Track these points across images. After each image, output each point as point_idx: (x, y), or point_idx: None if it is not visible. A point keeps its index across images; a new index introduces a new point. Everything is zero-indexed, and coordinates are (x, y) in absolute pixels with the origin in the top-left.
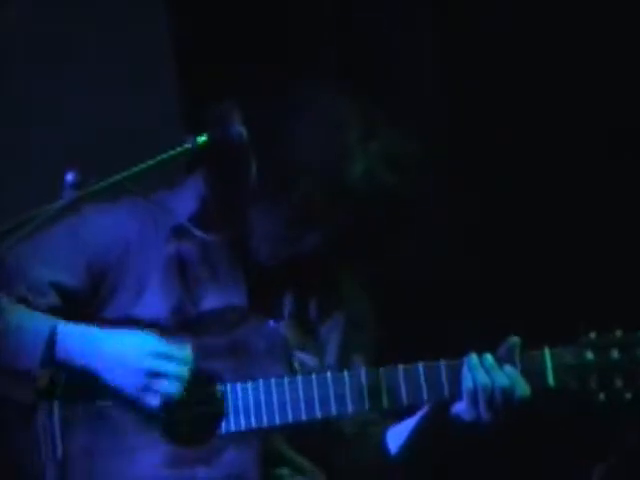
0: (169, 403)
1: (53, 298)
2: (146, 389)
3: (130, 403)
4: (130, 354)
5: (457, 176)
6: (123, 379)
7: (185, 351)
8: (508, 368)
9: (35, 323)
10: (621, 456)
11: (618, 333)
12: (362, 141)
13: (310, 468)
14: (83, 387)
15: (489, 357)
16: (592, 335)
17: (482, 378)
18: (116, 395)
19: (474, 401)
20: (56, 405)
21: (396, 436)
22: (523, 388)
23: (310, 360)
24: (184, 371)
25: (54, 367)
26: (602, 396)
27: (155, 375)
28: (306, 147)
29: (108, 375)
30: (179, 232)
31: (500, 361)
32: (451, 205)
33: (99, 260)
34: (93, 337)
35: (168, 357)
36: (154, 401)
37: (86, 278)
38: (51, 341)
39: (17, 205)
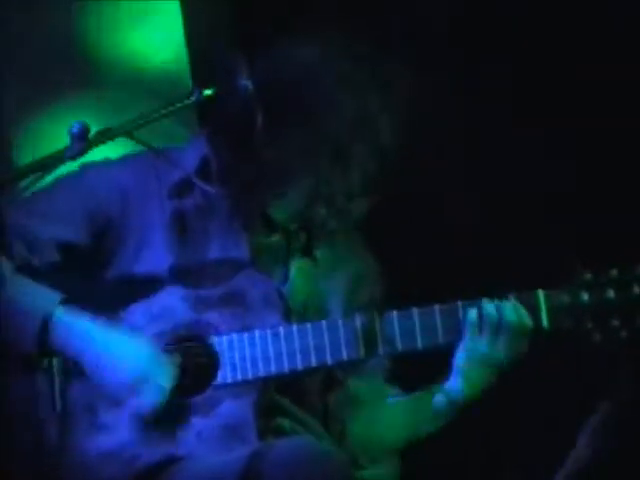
0: (153, 409)
1: (55, 255)
2: (133, 392)
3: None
4: (120, 362)
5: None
6: (112, 379)
7: (173, 366)
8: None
9: (31, 304)
10: (614, 406)
11: (614, 272)
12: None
13: (311, 422)
14: None
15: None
16: (588, 275)
17: (490, 308)
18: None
19: (479, 330)
20: (56, 360)
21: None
22: (527, 319)
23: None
24: (168, 383)
25: (48, 351)
26: (598, 336)
27: (142, 382)
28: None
29: (97, 373)
30: (182, 186)
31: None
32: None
33: (99, 212)
34: (87, 331)
35: (158, 366)
36: (144, 406)
37: (87, 231)
38: (44, 328)
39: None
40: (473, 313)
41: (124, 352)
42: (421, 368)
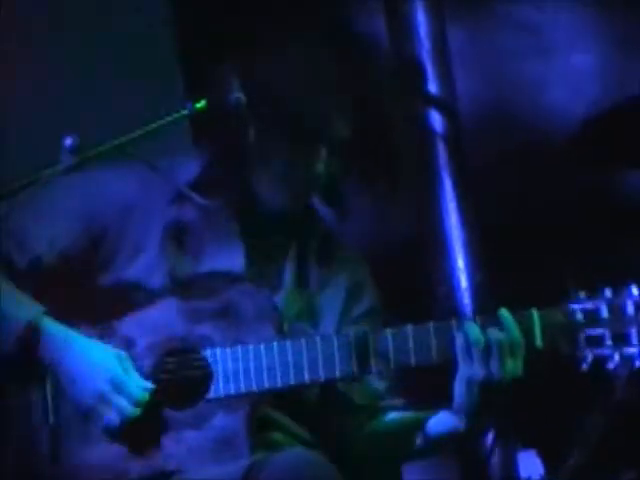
0: (109, 431)
1: (46, 255)
2: (93, 410)
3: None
4: (90, 371)
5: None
6: (79, 392)
7: (143, 391)
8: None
9: (15, 311)
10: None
11: (608, 292)
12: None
13: (307, 436)
14: None
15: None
16: (582, 295)
17: (475, 332)
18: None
19: (468, 356)
20: (49, 372)
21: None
22: (518, 339)
23: (307, 329)
24: (129, 409)
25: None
26: (591, 356)
27: (104, 400)
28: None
29: (66, 382)
30: (180, 198)
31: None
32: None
33: (97, 223)
34: (65, 340)
35: (121, 389)
36: (98, 422)
37: (84, 241)
38: (27, 334)
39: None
40: (460, 339)
41: (92, 368)
42: (430, 383)
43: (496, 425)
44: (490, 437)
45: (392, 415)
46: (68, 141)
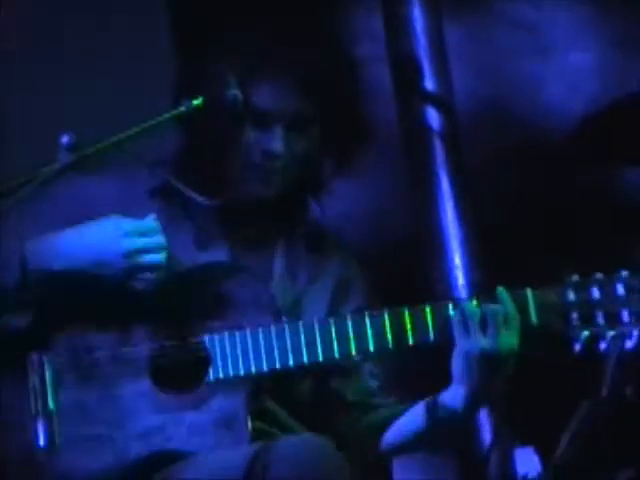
0: (159, 273)
1: None
2: (132, 270)
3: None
4: (103, 243)
5: None
6: (105, 270)
7: (152, 222)
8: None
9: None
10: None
11: (599, 275)
12: None
13: (302, 431)
14: (71, 324)
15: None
16: (574, 277)
17: (471, 306)
18: (104, 285)
19: (465, 330)
20: (46, 360)
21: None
22: (512, 312)
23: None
24: (160, 239)
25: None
26: (585, 333)
27: (135, 253)
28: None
29: (89, 271)
30: (167, 194)
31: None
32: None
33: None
34: (60, 241)
35: (140, 232)
36: (145, 277)
37: None
38: (22, 262)
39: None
40: (457, 315)
41: (102, 240)
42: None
43: (494, 422)
44: (488, 435)
45: (384, 410)
46: (65, 139)
